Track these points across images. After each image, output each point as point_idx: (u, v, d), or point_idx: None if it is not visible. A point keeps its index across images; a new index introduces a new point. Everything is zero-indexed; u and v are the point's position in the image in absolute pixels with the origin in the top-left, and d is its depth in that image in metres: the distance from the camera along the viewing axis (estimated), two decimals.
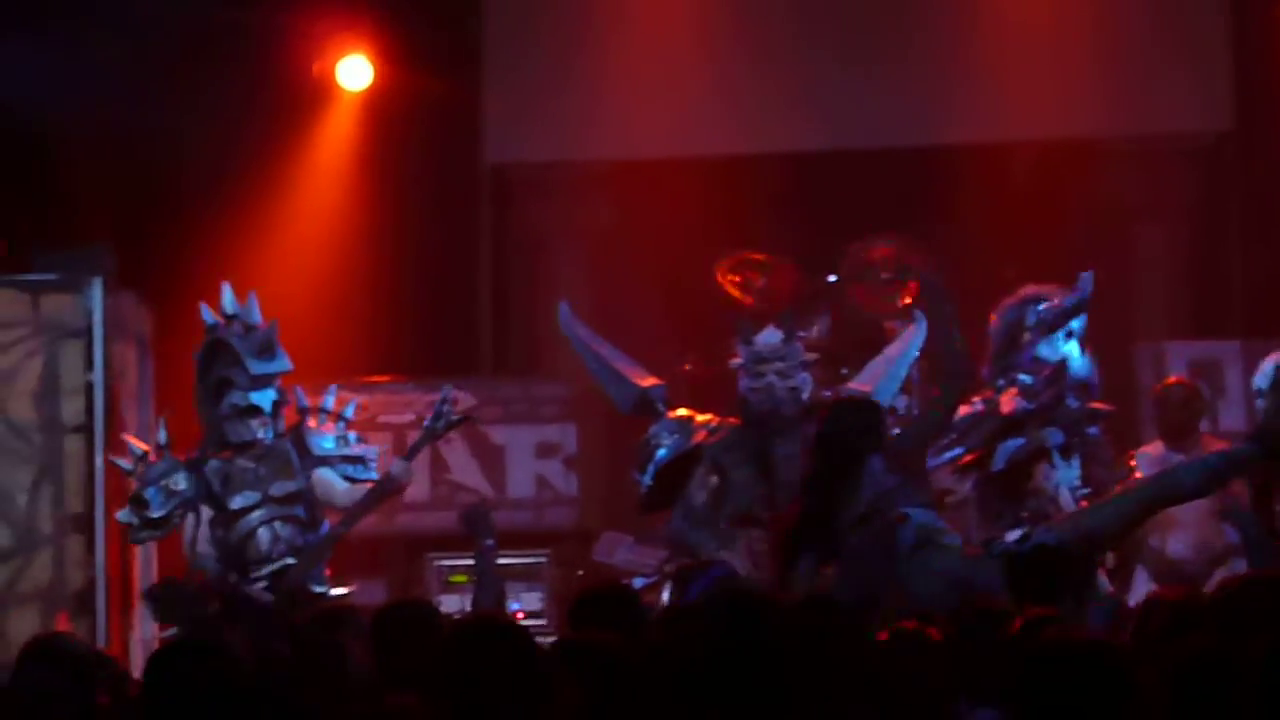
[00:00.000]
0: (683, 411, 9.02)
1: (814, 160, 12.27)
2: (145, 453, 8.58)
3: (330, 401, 8.70)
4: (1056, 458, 8.87)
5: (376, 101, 12.35)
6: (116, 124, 11.32)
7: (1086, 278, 8.94)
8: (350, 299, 11.94)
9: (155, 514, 8.49)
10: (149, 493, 8.49)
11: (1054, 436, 8.89)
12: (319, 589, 8.39)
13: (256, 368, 8.39)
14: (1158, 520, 9.16)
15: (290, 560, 8.41)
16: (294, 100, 12.14)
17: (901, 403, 10.90)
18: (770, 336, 8.87)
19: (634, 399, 9.04)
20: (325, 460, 8.59)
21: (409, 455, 8.63)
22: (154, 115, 11.47)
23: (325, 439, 8.64)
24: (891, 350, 9.25)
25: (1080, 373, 9.03)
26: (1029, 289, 9.05)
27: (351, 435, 8.72)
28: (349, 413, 8.72)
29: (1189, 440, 9.53)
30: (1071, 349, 8.96)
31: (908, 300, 11.09)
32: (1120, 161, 12.43)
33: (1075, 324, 8.93)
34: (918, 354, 9.69)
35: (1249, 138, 12.05)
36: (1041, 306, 8.97)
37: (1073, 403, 8.91)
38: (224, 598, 8.29)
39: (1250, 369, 10.72)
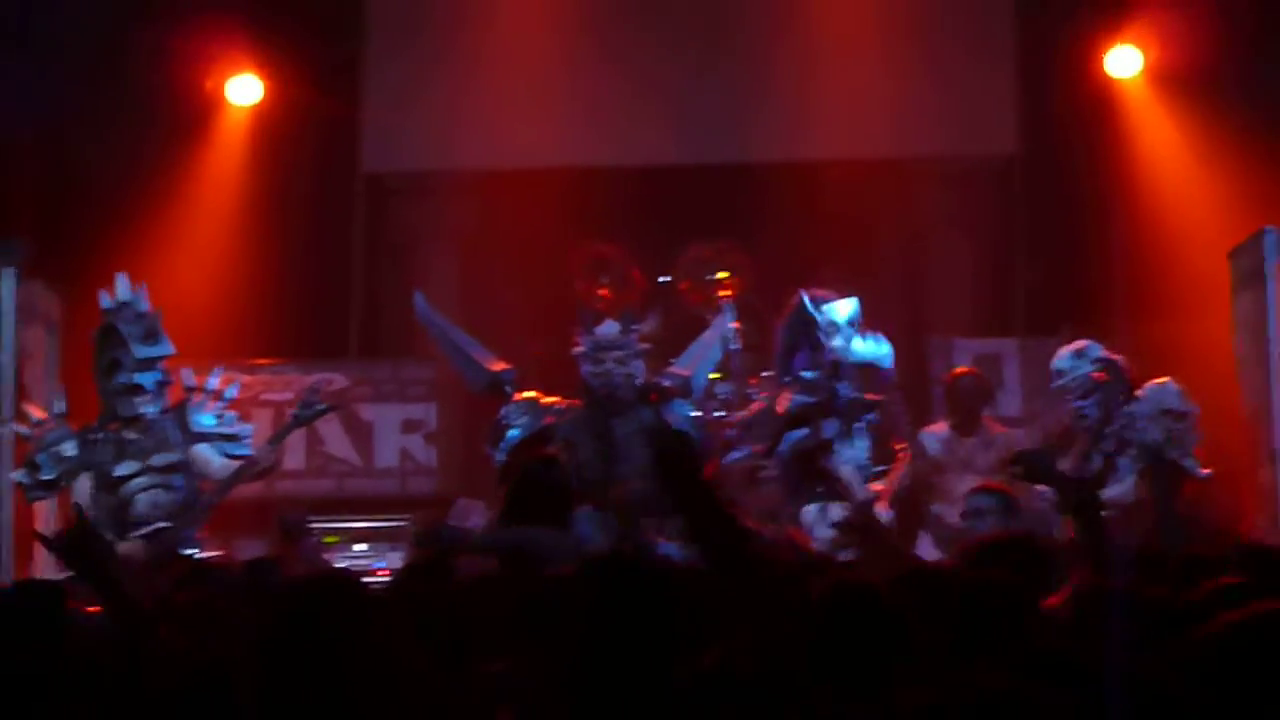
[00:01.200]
0: (529, 394, 9.42)
1: (655, 173, 12.90)
2: (42, 420, 8.95)
3: (214, 382, 9.01)
4: (837, 444, 9.45)
5: (264, 113, 12.85)
6: (29, 130, 11.82)
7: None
8: (238, 290, 12.35)
9: (45, 476, 8.88)
10: (40, 457, 8.86)
11: (828, 428, 9.47)
12: (190, 550, 8.56)
13: (140, 351, 8.80)
14: (938, 488, 10.10)
15: (165, 524, 8.66)
16: (189, 112, 12.64)
17: (724, 389, 12.03)
18: (609, 328, 9.19)
19: (485, 381, 9.51)
20: (204, 436, 8.88)
21: (274, 439, 8.94)
22: (64, 122, 12.08)
23: (206, 416, 8.93)
24: (706, 336, 9.78)
25: (866, 357, 9.62)
26: (809, 293, 9.61)
27: (230, 415, 9.02)
28: (230, 393, 9.06)
29: (974, 424, 10.30)
30: (852, 341, 9.54)
31: (725, 294, 12.02)
32: (919, 180, 13.25)
33: (849, 316, 9.53)
34: (730, 340, 10.46)
35: (1033, 160, 12.80)
36: (822, 308, 9.52)
37: (847, 392, 9.47)
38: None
39: (1027, 364, 11.89)
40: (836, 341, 9.51)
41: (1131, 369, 9.23)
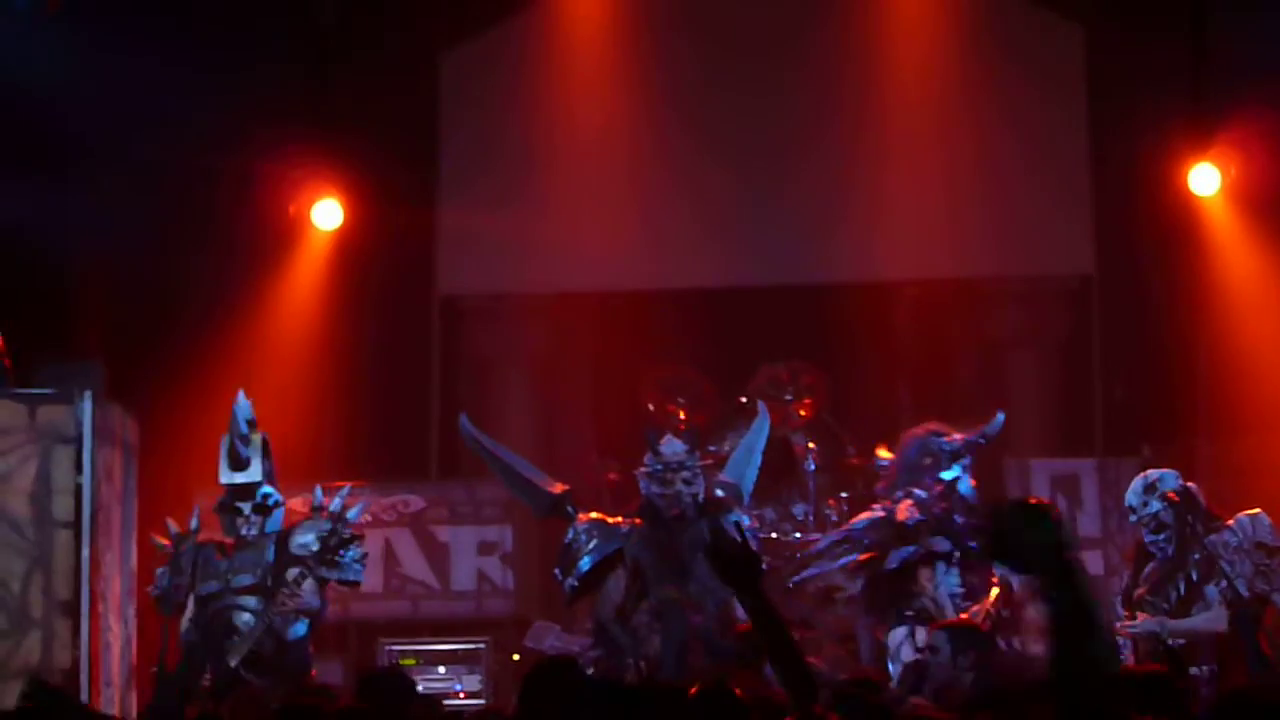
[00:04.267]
0: (593, 515, 9.31)
1: (726, 295, 13.02)
2: (181, 534, 8.97)
3: (337, 504, 8.86)
4: (940, 564, 9.43)
5: (345, 237, 13.02)
6: (112, 254, 11.92)
7: (1000, 419, 9.72)
8: (318, 413, 12.44)
9: (154, 592, 9.01)
10: (159, 571, 8.96)
11: (941, 544, 9.45)
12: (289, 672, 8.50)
13: (225, 477, 8.86)
14: (1020, 621, 9.72)
15: (232, 644, 8.63)
16: (272, 236, 12.83)
17: (800, 509, 12.01)
18: (675, 447, 9.05)
19: (548, 504, 9.36)
20: (299, 560, 8.75)
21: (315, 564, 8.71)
22: (146, 246, 12.00)
23: (307, 537, 8.82)
24: (748, 440, 9.63)
25: (966, 493, 9.63)
26: (931, 425, 9.70)
27: (345, 534, 8.80)
28: (354, 515, 8.91)
29: None
30: (960, 474, 9.59)
31: (803, 414, 11.96)
32: (995, 299, 13.27)
33: (966, 459, 9.59)
34: (807, 460, 10.30)
35: (1109, 281, 12.84)
36: (943, 439, 9.58)
37: (959, 519, 9.48)
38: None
39: (1105, 484, 11.84)
40: (953, 472, 9.56)
41: (1206, 495, 9.06)
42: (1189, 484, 8.97)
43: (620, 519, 9.35)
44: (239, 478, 8.92)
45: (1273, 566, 8.74)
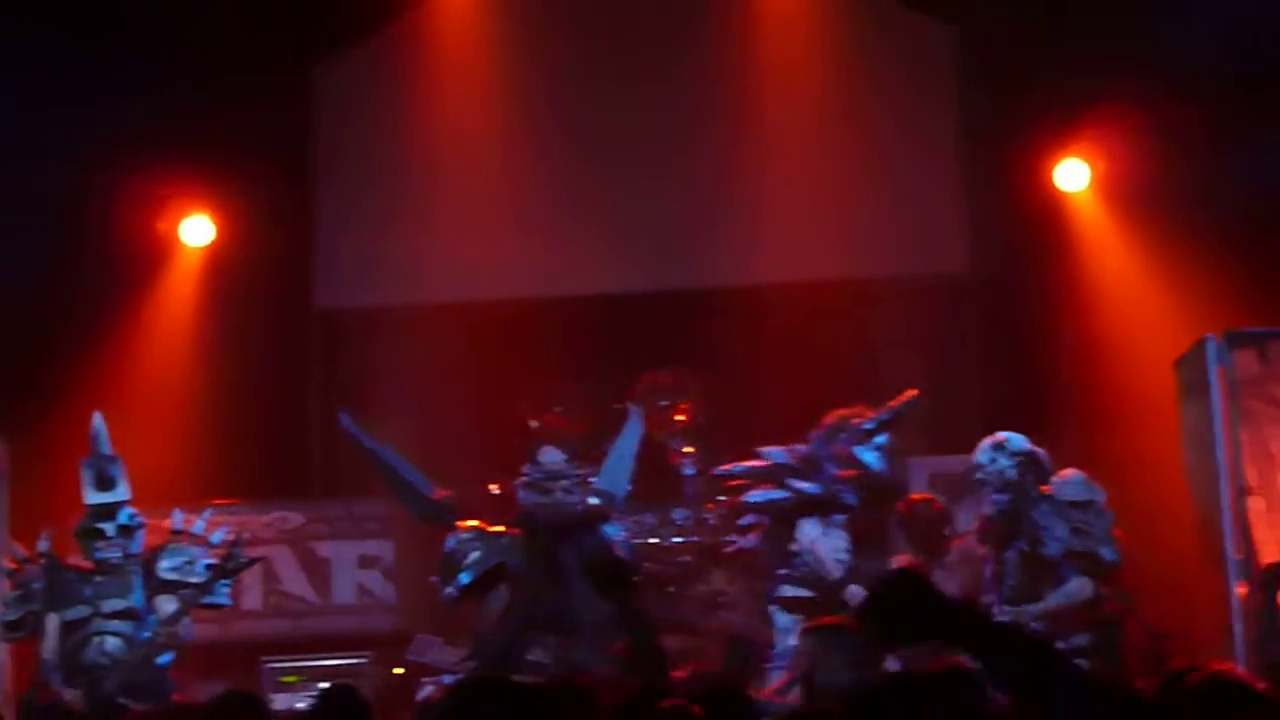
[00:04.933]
0: (473, 523, 9.27)
1: (607, 301, 13.01)
2: (27, 558, 8.86)
3: (200, 526, 8.89)
4: (817, 519, 9.55)
5: (217, 253, 12.95)
6: None
7: (912, 396, 9.81)
8: (193, 430, 12.33)
9: (7, 617, 8.86)
10: (11, 596, 8.81)
11: (808, 488, 9.60)
12: (150, 697, 8.39)
13: (91, 497, 8.77)
14: None
15: (106, 669, 8.58)
16: (141, 255, 12.73)
17: (680, 514, 12.00)
18: (555, 456, 9.07)
19: (428, 510, 9.41)
20: (166, 584, 8.74)
21: (172, 618, 8.69)
22: (14, 266, 11.75)
23: (171, 560, 8.79)
24: (620, 446, 9.51)
25: (876, 468, 9.75)
26: (841, 411, 9.77)
27: (205, 561, 8.81)
28: (216, 538, 8.91)
29: (940, 551, 10.12)
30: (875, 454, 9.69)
31: (680, 419, 11.96)
32: (874, 300, 13.36)
33: (881, 438, 9.72)
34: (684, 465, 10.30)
35: (983, 279, 12.95)
36: (855, 421, 9.67)
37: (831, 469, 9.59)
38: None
39: None
40: (870, 451, 9.68)
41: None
42: (1038, 449, 9.08)
43: (502, 528, 9.30)
44: (106, 497, 8.81)
45: (1088, 521, 8.86)
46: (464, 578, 9.11)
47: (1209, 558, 9.70)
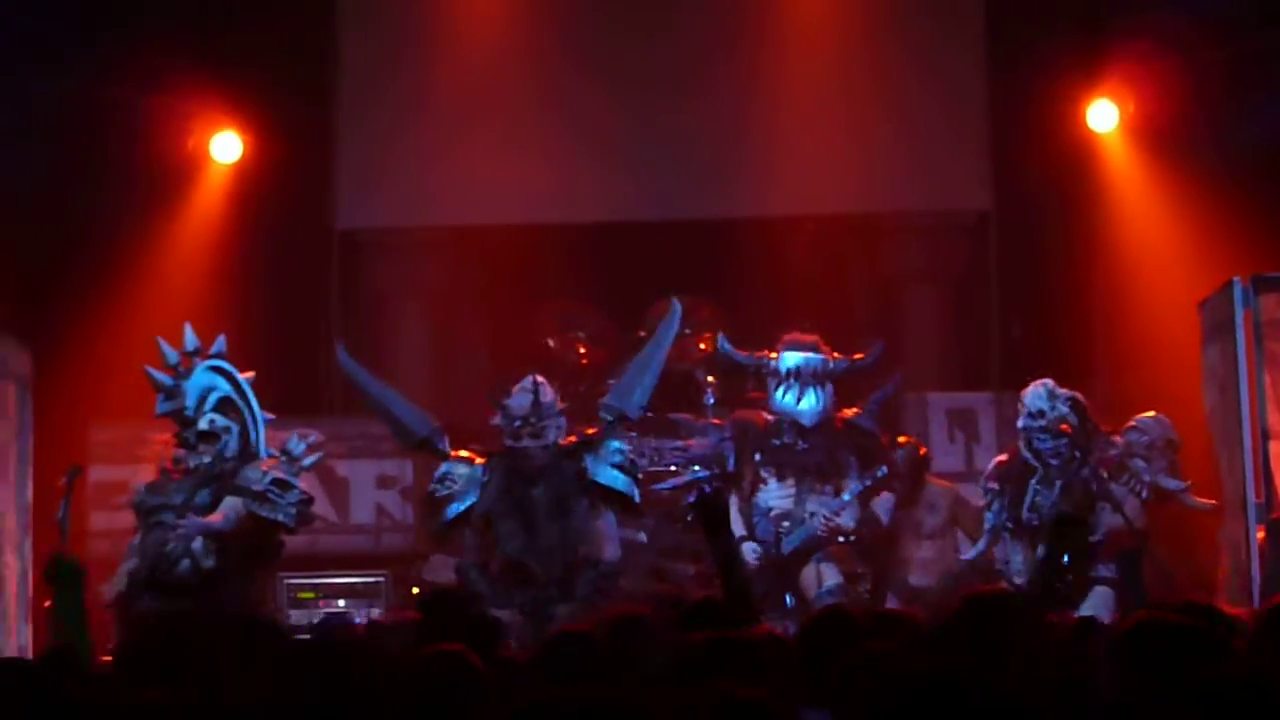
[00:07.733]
0: (463, 452, 9.10)
1: (625, 229, 13.00)
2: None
3: (299, 446, 8.98)
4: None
5: (243, 170, 12.93)
6: (4, 189, 11.82)
7: (878, 348, 9.67)
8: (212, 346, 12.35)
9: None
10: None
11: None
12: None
13: (160, 408, 8.89)
14: (902, 557, 10.27)
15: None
16: (169, 170, 12.70)
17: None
18: (521, 400, 8.80)
19: (416, 439, 9.19)
20: (240, 491, 8.78)
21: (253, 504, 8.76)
22: (40, 181, 12.03)
23: (253, 472, 8.85)
24: (644, 354, 9.31)
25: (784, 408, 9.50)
26: (790, 336, 9.63)
27: (289, 479, 8.86)
28: (309, 462, 9.02)
29: (917, 493, 10.22)
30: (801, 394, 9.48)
31: (703, 347, 11.93)
32: (893, 235, 13.33)
33: (790, 366, 9.49)
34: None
35: (1006, 217, 12.90)
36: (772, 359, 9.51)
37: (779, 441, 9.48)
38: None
39: (1002, 418, 11.84)
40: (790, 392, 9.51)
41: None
42: (1075, 392, 9.14)
43: (486, 458, 9.10)
44: (163, 408, 8.89)
45: (1178, 464, 8.95)
46: (446, 514, 9.08)
47: (1229, 500, 9.69)
